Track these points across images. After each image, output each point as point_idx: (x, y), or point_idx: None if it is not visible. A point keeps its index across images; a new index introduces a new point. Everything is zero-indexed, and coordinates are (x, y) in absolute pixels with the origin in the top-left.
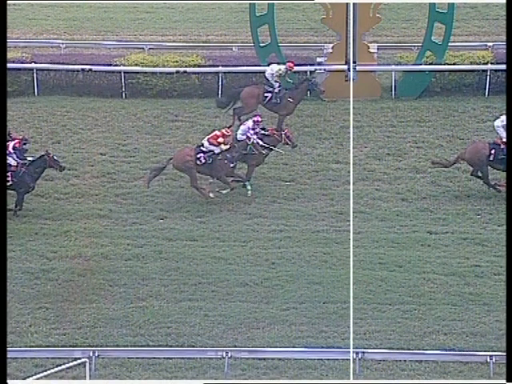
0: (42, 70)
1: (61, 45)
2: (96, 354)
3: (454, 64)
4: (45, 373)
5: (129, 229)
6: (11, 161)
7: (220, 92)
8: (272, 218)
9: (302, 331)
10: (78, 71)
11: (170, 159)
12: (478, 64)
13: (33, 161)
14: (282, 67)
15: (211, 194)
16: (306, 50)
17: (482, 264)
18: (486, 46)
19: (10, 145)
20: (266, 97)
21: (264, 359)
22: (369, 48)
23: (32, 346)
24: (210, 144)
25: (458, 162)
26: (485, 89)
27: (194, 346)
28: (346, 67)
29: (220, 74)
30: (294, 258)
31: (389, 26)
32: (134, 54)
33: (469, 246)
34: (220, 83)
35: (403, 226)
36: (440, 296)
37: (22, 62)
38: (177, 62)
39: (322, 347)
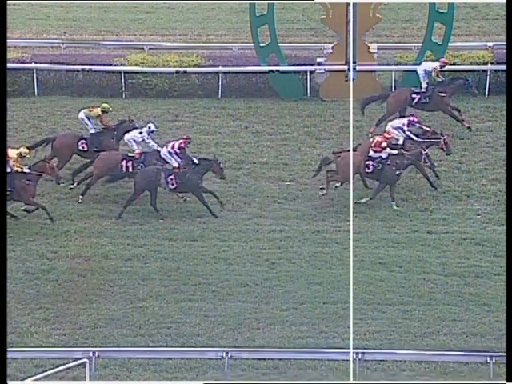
0: (42, 70)
1: (61, 45)
2: (96, 355)
3: (454, 64)
4: (45, 373)
5: (129, 229)
6: (173, 162)
7: (220, 92)
8: (272, 218)
9: (302, 331)
10: (77, 71)
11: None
12: (478, 64)
13: (199, 160)
14: (437, 64)
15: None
16: (306, 49)
17: (481, 264)
18: (486, 46)
19: (176, 144)
20: (414, 98)
21: (264, 360)
22: (369, 48)
23: (32, 347)
24: (375, 152)
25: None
26: (485, 89)
27: (193, 347)
28: (346, 67)
29: (220, 74)
30: (294, 258)
31: (389, 26)
32: (134, 54)
33: (469, 245)
34: (220, 83)
35: (403, 226)
36: (440, 296)
37: (22, 62)
38: (177, 62)
39: (322, 348)
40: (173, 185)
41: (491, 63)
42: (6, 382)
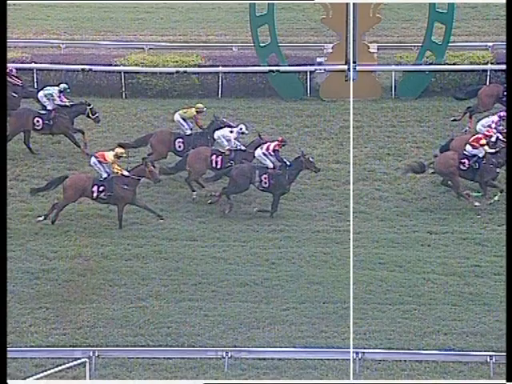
0: (42, 70)
1: (61, 45)
2: (96, 354)
3: (454, 64)
4: (45, 373)
5: (129, 229)
6: (268, 163)
7: (220, 92)
8: (272, 217)
9: (302, 331)
10: (77, 71)
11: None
12: (478, 64)
13: (290, 162)
14: None
15: (476, 203)
16: (306, 49)
17: (481, 264)
18: (486, 46)
19: (271, 146)
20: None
21: (264, 359)
22: (369, 48)
23: (32, 346)
24: (474, 148)
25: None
26: None
27: (193, 346)
28: (346, 67)
29: (220, 74)
30: (294, 257)
31: (389, 26)
32: (134, 54)
33: (469, 245)
34: (220, 83)
35: (403, 226)
36: (440, 296)
37: (22, 62)
38: (177, 62)
39: (322, 347)
40: (266, 183)
41: (491, 63)
42: (5, 381)
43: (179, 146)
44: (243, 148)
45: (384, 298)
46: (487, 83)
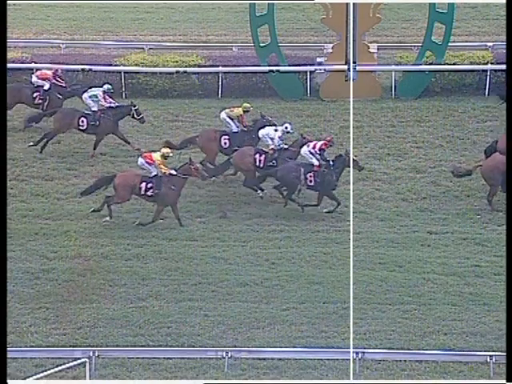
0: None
1: (61, 45)
2: (96, 354)
3: (454, 64)
4: (45, 373)
5: (129, 229)
6: (314, 161)
7: (220, 92)
8: (272, 217)
9: (302, 331)
10: (77, 71)
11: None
12: (478, 64)
13: (333, 161)
14: None
15: None
16: (306, 49)
17: (481, 264)
18: (486, 46)
19: (318, 145)
20: None
21: (264, 359)
22: (369, 48)
23: (32, 346)
24: None
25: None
26: (485, 89)
27: (193, 346)
28: (346, 67)
29: (220, 74)
30: (294, 258)
31: (389, 26)
32: (134, 54)
33: (469, 245)
34: (220, 83)
35: (403, 226)
36: (440, 296)
37: (22, 62)
38: (177, 61)
39: (322, 347)
40: (311, 182)
41: (491, 63)
42: (5, 381)
43: (225, 143)
44: (286, 146)
45: (384, 297)
46: (487, 83)
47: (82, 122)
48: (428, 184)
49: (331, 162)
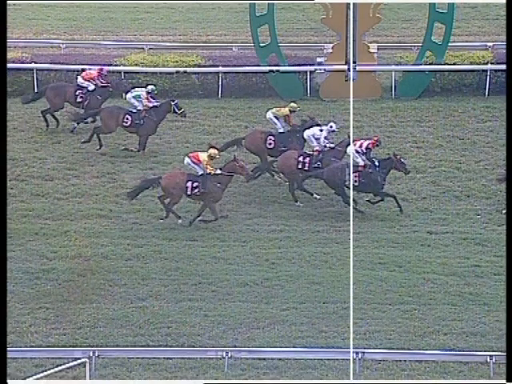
0: (42, 69)
1: (61, 45)
2: (96, 354)
3: (454, 64)
4: (45, 373)
5: (129, 228)
6: (360, 161)
7: (220, 92)
8: (272, 217)
9: (302, 331)
10: (77, 71)
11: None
12: (478, 64)
13: (380, 161)
14: None
15: None
16: (306, 49)
17: (481, 264)
18: (486, 46)
19: (364, 144)
20: None
21: (264, 359)
22: (369, 48)
23: (32, 346)
24: None
25: None
26: (485, 89)
27: (193, 346)
28: (346, 67)
29: (220, 74)
30: (294, 257)
31: (389, 26)
32: (134, 54)
33: (469, 245)
34: (220, 83)
35: (403, 226)
36: (440, 296)
37: (22, 62)
38: (177, 61)
39: (322, 347)
40: (356, 182)
41: (491, 63)
42: (5, 381)
43: (269, 144)
44: (332, 146)
45: (384, 297)
46: (487, 83)
47: (127, 119)
48: (428, 184)
49: (377, 163)
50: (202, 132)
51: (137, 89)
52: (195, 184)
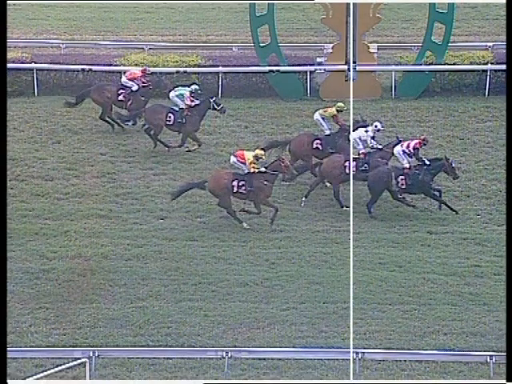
0: (42, 69)
1: (61, 45)
2: (96, 354)
3: (454, 64)
4: (45, 373)
5: (129, 228)
6: (405, 163)
7: (220, 92)
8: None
9: (302, 331)
10: (77, 71)
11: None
12: (478, 64)
13: (430, 162)
14: None
15: None
16: (306, 49)
17: (482, 264)
18: (486, 46)
19: (411, 144)
20: None
21: (264, 359)
22: (369, 48)
23: (32, 346)
24: None
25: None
26: (485, 89)
27: (194, 346)
28: (346, 67)
29: (220, 74)
30: (294, 257)
31: (389, 26)
32: (134, 54)
33: (469, 245)
34: (220, 83)
35: (403, 226)
36: (440, 296)
37: (22, 62)
38: (177, 61)
39: (322, 347)
40: (403, 185)
41: (491, 63)
42: (5, 381)
43: (316, 147)
44: (380, 147)
45: (384, 297)
46: (487, 83)
47: (170, 117)
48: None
49: (427, 162)
50: (201, 132)
51: (180, 88)
52: (241, 183)
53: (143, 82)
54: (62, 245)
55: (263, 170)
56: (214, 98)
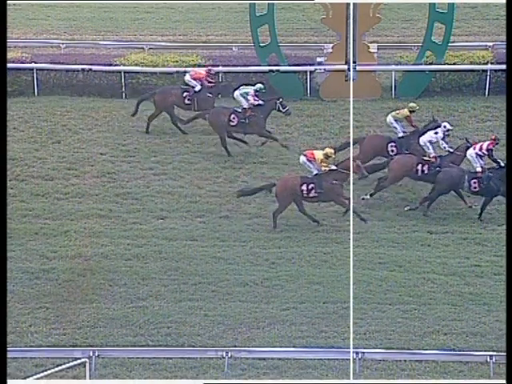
0: (42, 69)
1: (61, 45)
2: (96, 354)
3: (454, 64)
4: (45, 373)
5: (129, 228)
6: (478, 166)
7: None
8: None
9: (302, 331)
10: (77, 71)
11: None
12: (478, 64)
13: (504, 165)
14: None
15: None
16: (306, 49)
17: (481, 264)
18: (486, 46)
19: (484, 145)
20: None
21: (264, 359)
22: (369, 48)
23: (32, 346)
24: None
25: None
26: (485, 89)
27: (193, 346)
28: (346, 67)
29: (220, 74)
30: (294, 258)
31: (389, 26)
32: (134, 54)
33: (469, 245)
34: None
35: (403, 226)
36: (440, 296)
37: (22, 62)
38: (177, 61)
39: (322, 347)
40: (475, 188)
41: (491, 63)
42: (5, 381)
43: (392, 151)
44: (451, 150)
45: (384, 297)
46: (487, 83)
47: (233, 118)
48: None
49: (502, 164)
50: (201, 132)
51: (245, 86)
52: (310, 186)
53: (209, 82)
54: (61, 245)
55: (334, 168)
56: (281, 100)
